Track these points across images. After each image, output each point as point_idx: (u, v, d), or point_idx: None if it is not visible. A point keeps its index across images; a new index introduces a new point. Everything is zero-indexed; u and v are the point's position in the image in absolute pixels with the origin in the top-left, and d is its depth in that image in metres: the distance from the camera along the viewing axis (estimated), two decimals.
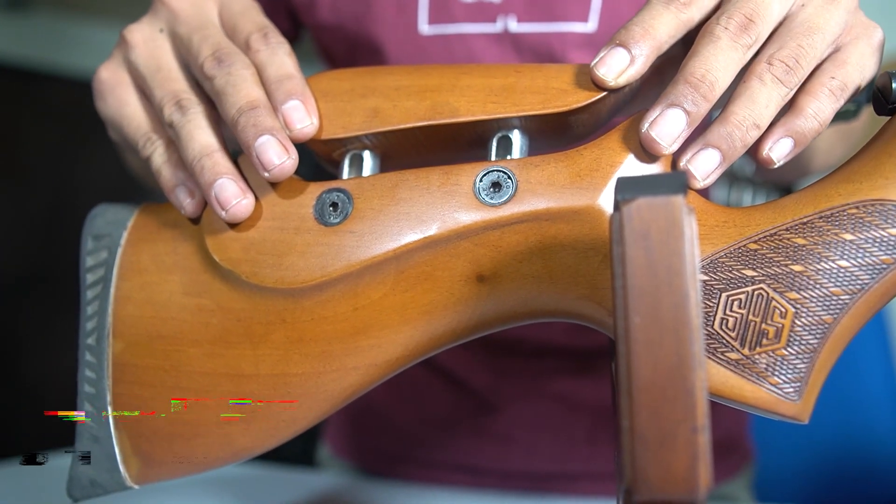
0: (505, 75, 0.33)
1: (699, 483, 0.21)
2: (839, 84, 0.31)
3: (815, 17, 0.31)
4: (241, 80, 0.34)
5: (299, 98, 0.34)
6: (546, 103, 0.32)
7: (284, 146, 0.32)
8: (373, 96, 0.34)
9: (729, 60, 0.30)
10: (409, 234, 0.32)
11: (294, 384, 0.33)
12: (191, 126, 0.34)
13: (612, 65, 0.31)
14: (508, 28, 0.52)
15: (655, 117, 0.30)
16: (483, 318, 0.33)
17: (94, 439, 0.35)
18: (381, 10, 0.53)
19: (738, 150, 0.30)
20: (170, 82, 0.36)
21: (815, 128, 0.31)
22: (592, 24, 0.51)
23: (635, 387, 0.22)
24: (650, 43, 0.30)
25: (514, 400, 0.60)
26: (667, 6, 0.31)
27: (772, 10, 0.30)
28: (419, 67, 0.35)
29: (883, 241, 0.29)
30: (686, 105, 0.29)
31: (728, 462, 0.64)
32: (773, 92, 0.30)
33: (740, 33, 0.30)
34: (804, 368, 0.29)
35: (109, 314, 0.36)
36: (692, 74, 0.30)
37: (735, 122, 0.30)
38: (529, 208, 0.31)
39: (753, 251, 0.30)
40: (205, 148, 0.34)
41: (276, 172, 0.32)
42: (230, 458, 0.35)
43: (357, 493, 0.57)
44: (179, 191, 0.35)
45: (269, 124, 0.33)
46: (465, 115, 0.33)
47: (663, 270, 0.22)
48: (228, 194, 0.33)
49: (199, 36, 0.35)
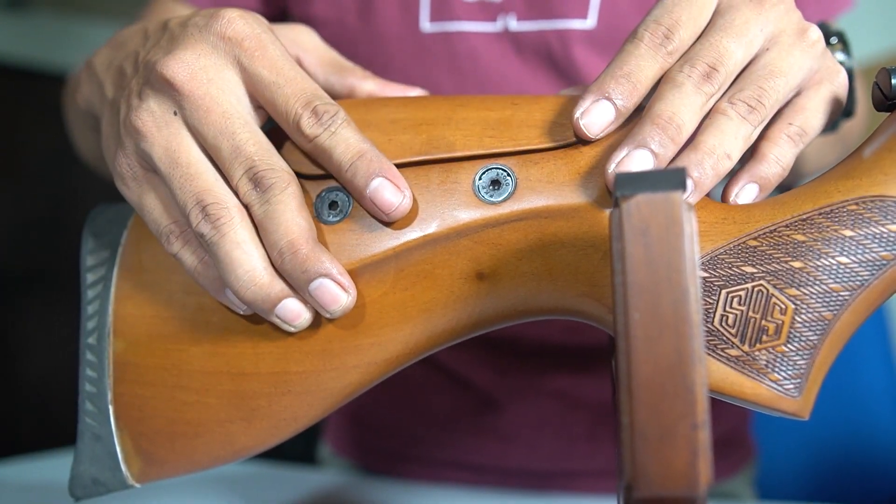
0: (502, 108, 0.33)
1: (699, 479, 0.21)
2: (797, 130, 0.32)
3: (779, 61, 0.31)
4: (281, 216, 0.30)
5: (382, 174, 0.31)
6: (543, 137, 0.32)
7: (342, 284, 0.30)
8: (367, 130, 0.34)
9: (693, 106, 0.30)
10: (408, 232, 0.32)
11: (294, 382, 0.33)
12: (227, 245, 0.30)
13: (596, 118, 0.31)
14: (508, 27, 0.52)
15: (622, 158, 0.30)
16: (483, 316, 0.33)
17: (95, 438, 0.35)
18: (382, 6, 0.53)
19: (710, 180, 0.30)
20: (191, 182, 0.30)
21: (777, 172, 0.32)
22: (592, 20, 0.51)
23: (635, 383, 0.22)
24: (636, 98, 0.31)
25: (515, 398, 0.60)
26: (655, 54, 0.31)
27: (734, 59, 0.30)
28: (415, 99, 0.35)
29: (882, 238, 0.29)
30: (653, 146, 0.29)
31: (730, 459, 0.64)
32: (739, 126, 0.30)
33: (703, 81, 0.30)
34: (804, 365, 0.29)
35: (110, 313, 0.36)
36: (659, 116, 0.30)
37: (705, 150, 0.30)
38: (529, 206, 0.31)
39: (753, 248, 0.30)
40: (251, 278, 0.30)
41: (333, 309, 0.30)
42: (231, 457, 0.35)
43: (358, 491, 0.57)
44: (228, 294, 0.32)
45: (317, 258, 0.30)
46: (461, 150, 0.33)
47: (663, 267, 0.22)
48: (294, 309, 0.31)
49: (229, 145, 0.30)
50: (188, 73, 0.31)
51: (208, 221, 0.30)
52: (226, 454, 0.35)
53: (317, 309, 0.31)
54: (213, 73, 0.31)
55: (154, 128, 0.31)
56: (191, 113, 0.31)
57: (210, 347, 0.34)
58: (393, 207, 0.31)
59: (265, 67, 0.31)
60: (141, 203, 0.33)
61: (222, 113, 0.31)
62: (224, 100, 0.31)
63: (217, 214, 0.30)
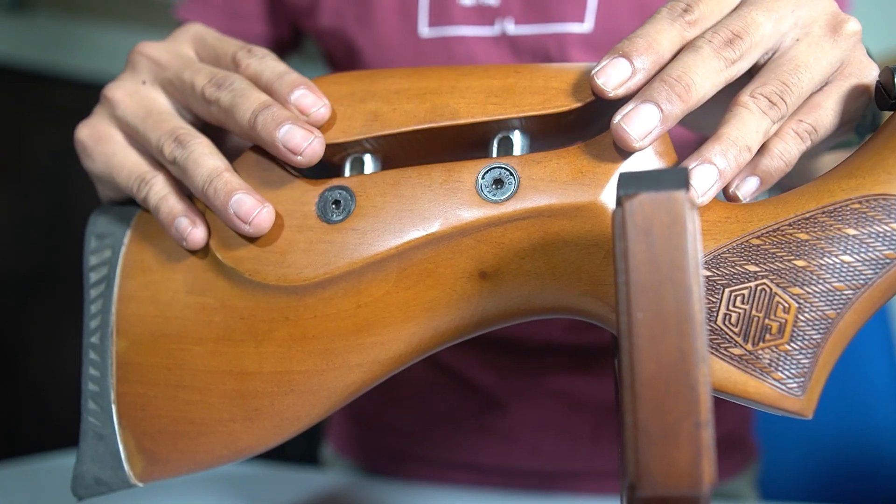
0: (504, 76, 0.33)
1: (703, 478, 0.21)
2: (807, 127, 0.32)
3: (805, 55, 0.31)
4: (247, 90, 0.34)
5: (304, 87, 0.34)
6: (546, 103, 0.32)
7: (307, 129, 0.33)
8: (372, 100, 0.34)
9: (709, 69, 0.29)
10: (411, 231, 0.32)
11: (297, 381, 0.33)
12: (195, 154, 0.34)
13: (612, 75, 0.30)
14: (506, 31, 0.52)
15: (628, 111, 0.29)
16: (485, 315, 0.33)
17: (98, 437, 0.35)
18: (381, 12, 0.54)
19: (732, 171, 0.30)
20: (164, 123, 0.36)
21: (780, 167, 0.31)
22: (589, 24, 0.52)
23: (638, 382, 0.22)
24: (652, 57, 0.30)
25: (518, 398, 0.60)
26: (672, 22, 0.31)
27: (762, 30, 0.30)
28: (418, 70, 0.35)
29: (886, 236, 0.29)
30: (660, 102, 0.29)
31: (733, 459, 0.64)
32: (760, 120, 0.30)
33: (724, 47, 0.30)
34: (807, 364, 0.29)
35: (113, 313, 0.36)
36: (668, 74, 0.29)
37: (729, 140, 0.30)
38: (532, 205, 0.31)
39: (756, 246, 0.30)
40: (213, 170, 0.34)
41: (308, 152, 0.32)
42: (234, 456, 0.35)
43: (360, 491, 0.57)
44: (180, 222, 0.35)
45: (286, 115, 0.33)
46: (465, 117, 0.33)
47: (666, 266, 0.22)
48: (248, 207, 0.33)
49: (190, 71, 0.36)
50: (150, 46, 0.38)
51: (179, 145, 0.35)
52: (228, 453, 0.35)
53: (288, 158, 0.33)
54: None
55: (126, 96, 0.37)
56: (154, 70, 0.37)
57: (213, 346, 0.34)
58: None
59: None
60: (109, 164, 0.37)
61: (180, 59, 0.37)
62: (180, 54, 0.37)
63: (187, 139, 0.35)
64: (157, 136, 0.35)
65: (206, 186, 0.33)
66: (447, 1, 0.53)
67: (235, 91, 0.34)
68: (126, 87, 0.37)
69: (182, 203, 0.35)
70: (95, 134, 0.38)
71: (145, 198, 0.36)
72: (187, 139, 0.35)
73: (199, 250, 0.35)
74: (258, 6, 0.60)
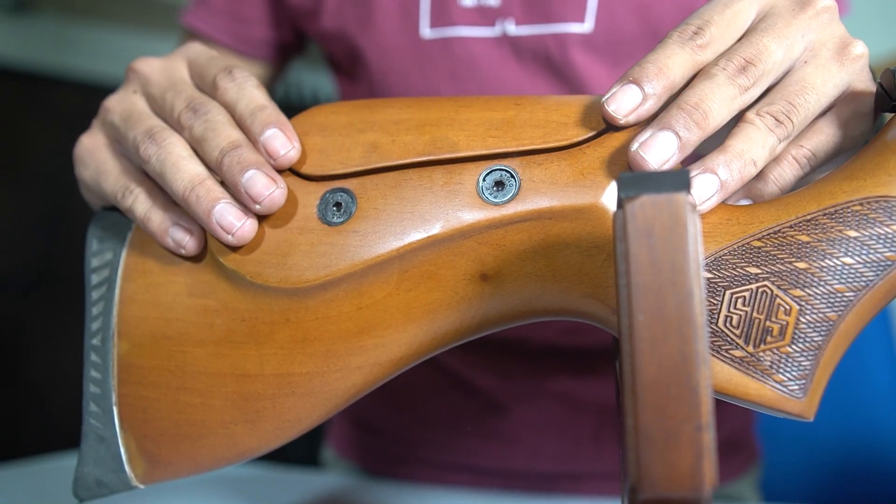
0: (505, 108, 0.33)
1: (704, 481, 0.21)
2: (807, 153, 0.32)
3: (813, 76, 0.31)
4: (219, 125, 0.34)
5: (276, 126, 0.33)
6: (546, 137, 0.32)
7: (271, 177, 0.33)
8: (371, 130, 0.34)
9: (724, 97, 0.30)
10: (412, 233, 0.32)
11: (298, 383, 0.33)
12: (173, 157, 0.34)
13: (623, 102, 0.30)
14: (507, 31, 0.53)
15: (646, 139, 0.29)
16: (486, 317, 0.33)
17: (99, 439, 0.35)
18: (382, 14, 0.54)
19: (735, 183, 0.30)
20: (142, 122, 0.35)
21: (774, 192, 0.32)
22: (589, 24, 0.52)
23: (640, 385, 0.22)
24: (663, 82, 0.30)
25: (519, 400, 0.60)
26: (683, 45, 0.30)
27: (774, 57, 0.30)
28: (418, 100, 0.35)
29: (887, 238, 0.29)
30: (678, 129, 0.29)
31: (734, 461, 0.64)
32: (766, 136, 0.30)
33: (738, 74, 0.30)
34: (809, 366, 0.29)
35: (114, 315, 0.36)
36: (686, 102, 0.29)
37: (734, 152, 0.30)
38: (533, 207, 0.31)
39: (757, 248, 0.30)
40: (194, 178, 0.33)
41: (266, 203, 0.32)
42: (235, 458, 0.35)
43: (361, 493, 0.57)
44: (174, 231, 0.35)
45: (254, 159, 0.33)
46: (464, 150, 0.33)
47: (667, 268, 0.22)
48: (232, 218, 0.33)
49: (172, 93, 0.36)
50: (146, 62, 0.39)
51: (154, 142, 0.34)
52: (230, 456, 0.35)
53: (248, 205, 0.33)
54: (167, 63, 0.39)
55: (117, 103, 0.38)
56: (143, 84, 0.37)
57: (214, 349, 0.34)
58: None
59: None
60: (98, 171, 0.37)
61: (168, 78, 0.37)
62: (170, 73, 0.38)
63: (162, 137, 0.34)
64: (133, 134, 0.35)
65: (188, 193, 0.33)
66: (448, 2, 0.53)
67: (208, 123, 0.34)
68: (118, 97, 0.38)
69: (172, 212, 0.35)
70: (91, 143, 0.38)
71: (130, 208, 0.36)
72: (162, 136, 0.34)
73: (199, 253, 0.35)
74: (262, 10, 0.60)
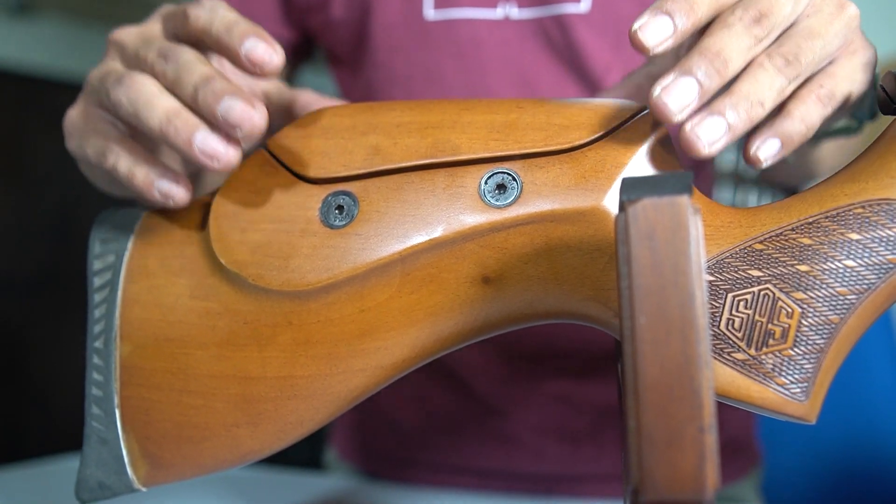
0: (507, 111, 0.33)
1: (706, 483, 0.21)
2: (827, 92, 0.32)
3: (819, 26, 0.31)
4: (191, 63, 0.34)
5: (254, 35, 0.33)
6: (548, 140, 0.32)
7: (248, 102, 0.32)
8: (374, 133, 0.34)
9: (742, 46, 0.30)
10: (414, 236, 0.32)
11: (301, 386, 0.33)
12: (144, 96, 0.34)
13: (655, 31, 0.30)
14: (509, 16, 0.54)
15: (668, 84, 0.29)
16: (488, 320, 0.33)
17: (102, 442, 0.35)
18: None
19: (743, 124, 0.30)
20: (113, 75, 0.36)
21: (801, 131, 0.31)
22: (585, 5, 0.53)
23: (642, 387, 0.22)
24: (692, 18, 0.30)
25: (520, 402, 0.60)
26: None
27: (783, 11, 0.31)
28: (421, 103, 0.35)
29: (889, 241, 0.29)
30: (699, 75, 0.29)
31: (736, 464, 0.64)
32: (774, 78, 0.30)
33: (753, 24, 0.30)
34: (811, 369, 0.29)
35: (117, 317, 0.36)
36: (708, 49, 0.30)
37: (741, 94, 0.30)
38: (534, 210, 0.31)
39: (759, 251, 0.30)
40: (169, 110, 0.33)
41: (247, 127, 0.32)
42: (238, 461, 0.35)
43: (363, 496, 0.57)
44: (160, 183, 0.35)
45: (228, 87, 0.32)
46: (466, 153, 0.33)
47: (669, 270, 0.22)
48: (214, 143, 0.32)
49: (145, 48, 0.36)
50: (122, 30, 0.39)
51: (122, 84, 0.34)
52: (232, 458, 0.35)
53: (230, 132, 0.32)
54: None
55: (96, 72, 0.37)
56: (120, 49, 0.37)
57: (216, 351, 0.34)
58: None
59: None
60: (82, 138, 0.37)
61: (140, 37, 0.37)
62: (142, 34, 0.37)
63: (130, 78, 0.34)
64: (106, 87, 0.35)
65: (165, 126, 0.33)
66: None
67: (179, 64, 0.34)
68: (97, 67, 0.38)
69: (157, 166, 0.35)
70: (74, 114, 0.39)
71: (114, 166, 0.36)
72: (130, 78, 0.34)
73: (202, 256, 0.35)
74: (272, 7, 0.60)
